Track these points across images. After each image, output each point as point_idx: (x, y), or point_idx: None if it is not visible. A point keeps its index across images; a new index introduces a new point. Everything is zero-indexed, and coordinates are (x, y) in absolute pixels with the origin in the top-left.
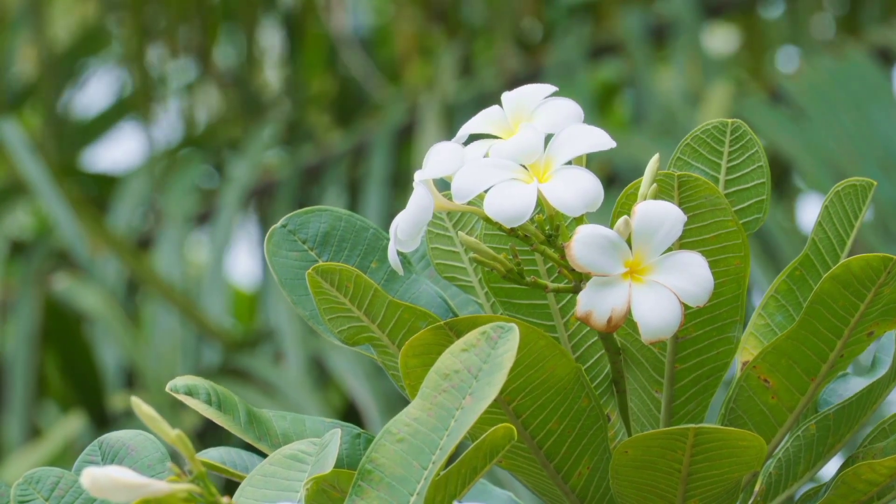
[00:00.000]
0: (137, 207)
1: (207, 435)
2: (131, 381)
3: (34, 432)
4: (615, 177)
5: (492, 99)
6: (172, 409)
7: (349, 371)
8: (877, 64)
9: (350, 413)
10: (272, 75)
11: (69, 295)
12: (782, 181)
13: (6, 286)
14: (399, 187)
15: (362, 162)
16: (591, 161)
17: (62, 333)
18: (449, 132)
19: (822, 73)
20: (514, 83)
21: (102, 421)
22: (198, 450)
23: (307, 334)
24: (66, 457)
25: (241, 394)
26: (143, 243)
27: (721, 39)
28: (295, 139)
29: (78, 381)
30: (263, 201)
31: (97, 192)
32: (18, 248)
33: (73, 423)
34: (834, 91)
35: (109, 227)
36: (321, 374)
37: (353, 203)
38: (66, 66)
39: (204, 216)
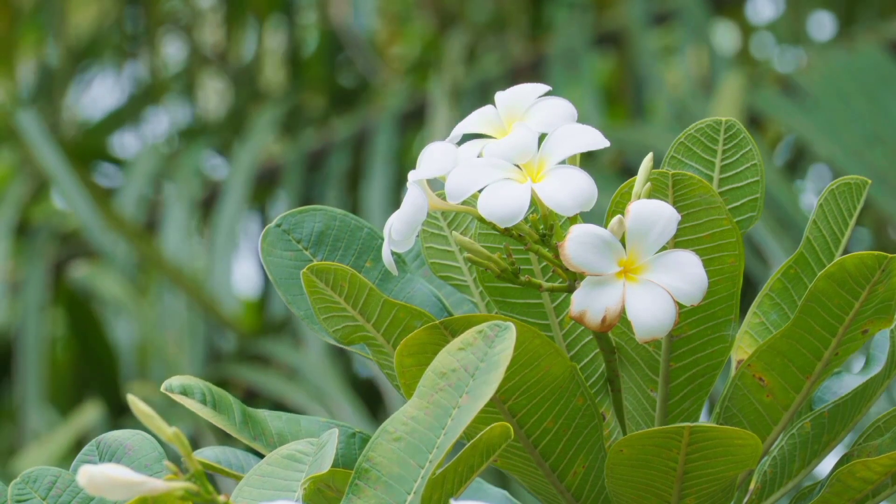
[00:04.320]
0: (144, 192)
1: (216, 428)
2: (147, 370)
3: (49, 416)
4: (627, 167)
5: (494, 86)
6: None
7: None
8: (889, 56)
9: (372, 394)
10: (276, 63)
11: (89, 282)
12: (799, 167)
13: (15, 267)
14: (402, 174)
15: (364, 148)
16: (604, 153)
17: (79, 321)
18: (453, 119)
19: (833, 65)
20: (517, 71)
21: (119, 410)
22: (207, 443)
23: None
24: (82, 447)
25: (262, 380)
26: (149, 226)
27: (724, 36)
28: (297, 125)
29: (94, 370)
30: (268, 186)
31: (108, 177)
32: (24, 230)
33: (89, 413)
34: (846, 83)
35: (123, 216)
36: (341, 357)
37: (357, 189)
38: (83, 58)
39: (209, 201)
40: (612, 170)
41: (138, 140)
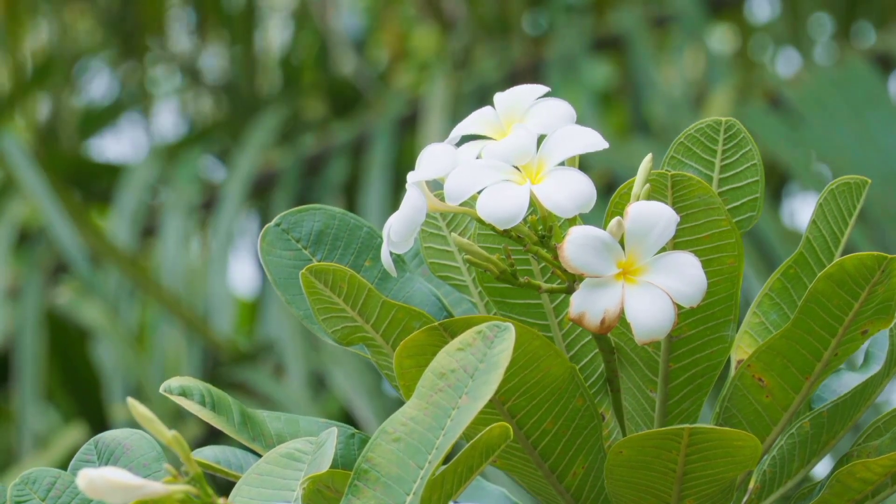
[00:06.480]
0: (141, 198)
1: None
2: (132, 392)
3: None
4: (614, 184)
5: (492, 91)
6: (171, 420)
7: (350, 386)
8: (875, 71)
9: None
10: (271, 70)
11: (70, 309)
12: (779, 189)
13: (14, 274)
14: (400, 179)
15: (363, 153)
16: (590, 170)
17: (63, 345)
18: (450, 124)
19: (821, 80)
20: (515, 75)
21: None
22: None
23: (308, 349)
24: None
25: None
26: (147, 233)
27: (721, 41)
28: (295, 131)
29: (79, 393)
30: (265, 193)
31: (105, 183)
32: (25, 238)
33: (73, 434)
34: (833, 98)
35: (115, 241)
36: (321, 389)
37: (355, 194)
38: (73, 60)
39: (207, 206)
40: (597, 186)
41: (133, 146)
